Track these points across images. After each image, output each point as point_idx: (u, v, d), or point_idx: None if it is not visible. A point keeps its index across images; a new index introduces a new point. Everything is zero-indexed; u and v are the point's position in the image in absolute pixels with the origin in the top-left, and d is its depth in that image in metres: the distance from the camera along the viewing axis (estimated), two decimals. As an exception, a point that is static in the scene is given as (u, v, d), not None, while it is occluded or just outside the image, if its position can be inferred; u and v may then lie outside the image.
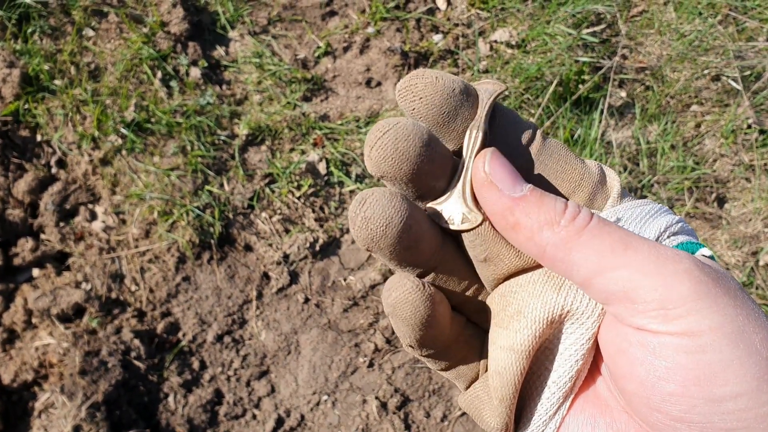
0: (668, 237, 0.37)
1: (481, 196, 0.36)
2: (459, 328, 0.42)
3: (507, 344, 0.37)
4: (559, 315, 0.36)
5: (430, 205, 0.39)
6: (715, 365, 0.30)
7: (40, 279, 1.71)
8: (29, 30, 1.91)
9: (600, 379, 0.39)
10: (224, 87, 1.95)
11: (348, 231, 1.82)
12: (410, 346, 0.41)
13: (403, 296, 0.38)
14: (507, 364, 0.37)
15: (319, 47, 2.02)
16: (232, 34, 2.02)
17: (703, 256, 0.36)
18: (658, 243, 0.34)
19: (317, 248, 1.78)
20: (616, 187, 0.39)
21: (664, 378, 0.32)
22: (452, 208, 0.38)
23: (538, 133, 0.39)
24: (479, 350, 0.43)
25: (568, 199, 0.37)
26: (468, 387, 0.44)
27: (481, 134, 0.37)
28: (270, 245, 1.77)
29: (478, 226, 0.38)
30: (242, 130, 1.87)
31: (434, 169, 0.37)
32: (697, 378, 0.31)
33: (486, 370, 0.43)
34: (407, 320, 0.38)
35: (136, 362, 1.63)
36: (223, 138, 1.86)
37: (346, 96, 1.98)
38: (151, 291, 1.72)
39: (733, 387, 0.30)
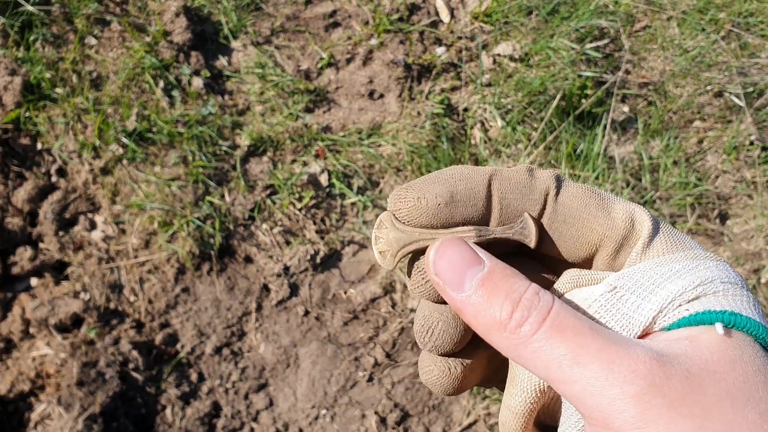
0: (678, 306, 0.32)
1: (441, 277, 0.36)
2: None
3: (507, 403, 0.38)
4: (548, 386, 0.36)
5: (388, 214, 0.38)
6: None
7: (38, 288, 1.70)
8: (31, 38, 1.91)
9: None
10: (226, 97, 1.94)
11: (349, 243, 1.82)
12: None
13: (432, 379, 0.41)
14: (506, 420, 0.39)
15: (322, 58, 2.02)
16: (235, 44, 2.02)
17: (723, 325, 0.31)
18: (618, 350, 0.30)
19: (318, 261, 1.78)
20: (642, 237, 0.35)
21: None
22: (391, 237, 0.39)
23: (550, 198, 0.36)
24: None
25: (531, 283, 0.34)
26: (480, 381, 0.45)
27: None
28: (270, 257, 1.77)
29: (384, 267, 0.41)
30: (244, 141, 1.86)
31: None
32: None
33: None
34: (438, 389, 0.41)
35: (134, 374, 1.62)
36: (224, 148, 1.86)
37: (349, 108, 1.97)
38: (150, 302, 1.71)
39: None
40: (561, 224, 0.36)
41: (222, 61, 1.99)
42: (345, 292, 1.78)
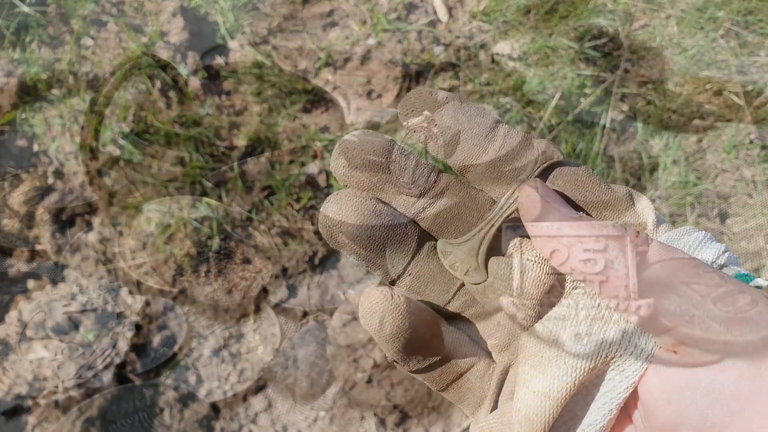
0: None
1: (533, 216, 0.35)
2: (457, 340, 0.40)
3: (542, 390, 0.35)
4: (602, 363, 0.34)
5: (443, 241, 0.38)
6: None
7: (35, 291, 1.69)
8: (27, 39, 1.90)
9: (629, 429, 0.36)
10: (223, 97, 1.94)
11: (347, 244, 1.81)
12: (394, 360, 0.39)
13: (370, 307, 0.36)
14: (540, 411, 0.35)
15: (319, 58, 2.01)
16: (232, 44, 2.01)
17: (757, 287, 0.34)
18: (719, 270, 0.32)
19: (316, 262, 1.77)
20: (650, 216, 0.36)
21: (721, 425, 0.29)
22: (461, 257, 0.37)
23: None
24: (482, 372, 0.41)
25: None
26: (474, 412, 0.41)
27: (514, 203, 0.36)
28: (268, 258, 1.76)
29: (479, 283, 0.37)
30: (241, 142, 1.86)
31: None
32: (761, 413, 0.29)
33: (494, 404, 0.40)
34: (376, 332, 0.37)
35: (132, 376, 1.62)
36: (222, 149, 1.85)
37: (347, 108, 1.97)
38: (148, 303, 1.70)
39: None
40: (564, 183, 0.37)
41: (219, 62, 1.99)
42: (344, 293, 1.77)
